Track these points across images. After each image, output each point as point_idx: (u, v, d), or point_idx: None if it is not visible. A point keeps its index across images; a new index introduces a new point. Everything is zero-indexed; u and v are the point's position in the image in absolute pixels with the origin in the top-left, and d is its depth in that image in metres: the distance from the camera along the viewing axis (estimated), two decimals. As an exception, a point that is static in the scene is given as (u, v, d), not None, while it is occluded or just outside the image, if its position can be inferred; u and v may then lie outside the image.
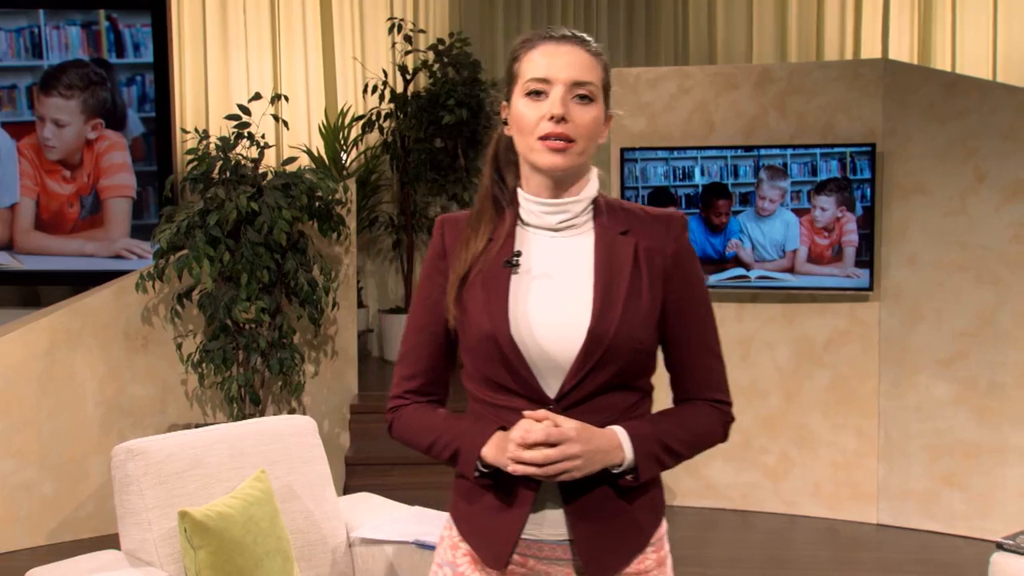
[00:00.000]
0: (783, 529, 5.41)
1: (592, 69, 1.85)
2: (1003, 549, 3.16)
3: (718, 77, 5.61)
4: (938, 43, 6.85)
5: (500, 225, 1.92)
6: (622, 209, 1.93)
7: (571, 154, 1.82)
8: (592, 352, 1.81)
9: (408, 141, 6.82)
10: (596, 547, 1.86)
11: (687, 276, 1.91)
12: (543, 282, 1.88)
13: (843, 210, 5.25)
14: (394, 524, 3.27)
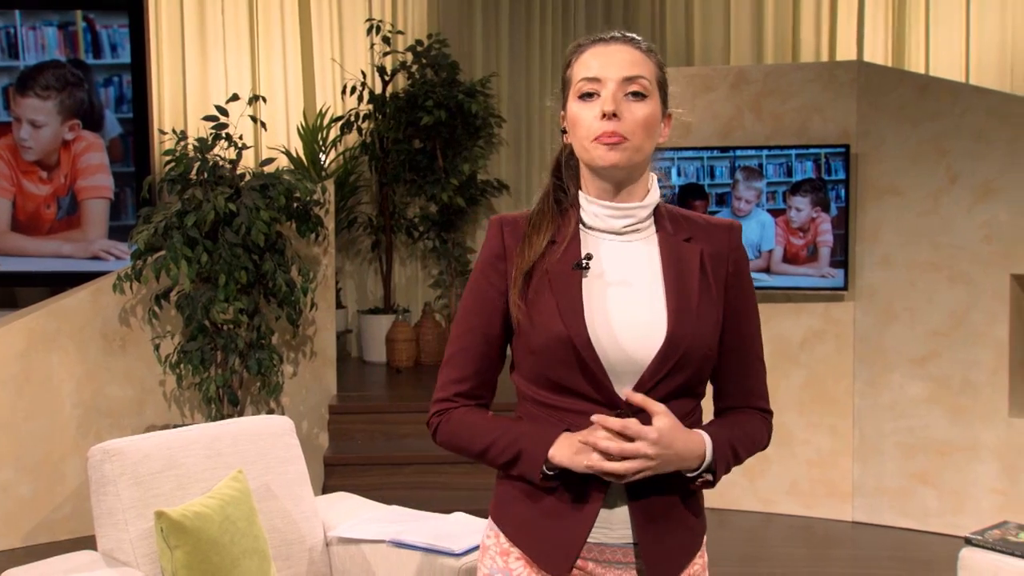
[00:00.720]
0: (759, 527, 5.45)
1: (643, 64, 1.83)
2: (971, 544, 3.20)
3: (694, 78, 5.65)
4: (912, 45, 6.91)
5: (563, 227, 1.89)
6: (682, 216, 1.93)
7: (626, 150, 1.79)
8: (669, 357, 1.80)
9: (387, 142, 6.84)
10: (659, 550, 1.85)
11: (745, 285, 1.93)
12: (615, 286, 1.86)
13: (818, 211, 5.30)
14: (371, 524, 3.29)
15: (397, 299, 7.16)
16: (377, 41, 6.83)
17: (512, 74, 7.25)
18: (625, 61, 1.82)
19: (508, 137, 7.22)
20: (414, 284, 7.30)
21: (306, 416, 5.65)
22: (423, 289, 7.25)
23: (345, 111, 6.88)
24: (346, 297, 7.24)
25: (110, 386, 5.35)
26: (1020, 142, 5.00)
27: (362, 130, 6.88)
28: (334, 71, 7.15)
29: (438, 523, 3.32)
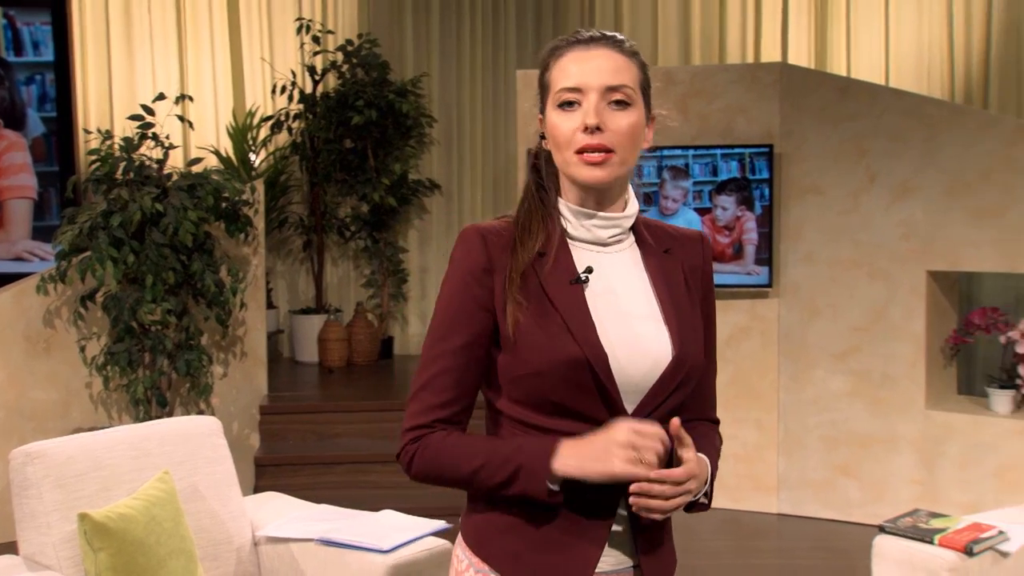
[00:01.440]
0: (688, 521, 5.51)
1: (626, 70, 1.73)
2: (885, 532, 3.29)
3: (622, 79, 5.72)
4: (834, 47, 7.04)
5: (548, 240, 1.76)
6: (655, 225, 1.86)
7: (611, 165, 1.70)
8: (675, 375, 1.71)
9: (317, 142, 6.82)
10: (657, 572, 1.79)
11: (710, 296, 1.89)
12: (610, 299, 1.75)
13: (743, 209, 5.40)
14: (299, 522, 3.31)
15: (329, 299, 7.15)
16: (307, 40, 6.80)
17: (443, 74, 7.26)
18: (607, 68, 1.71)
19: (440, 137, 7.23)
20: (346, 284, 7.29)
21: (237, 417, 5.62)
22: (355, 289, 7.25)
23: (275, 111, 6.84)
24: (277, 297, 7.20)
25: (34, 389, 5.28)
26: (935, 142, 5.15)
27: (292, 130, 6.85)
28: (264, 70, 7.11)
29: (367, 521, 3.34)
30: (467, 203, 7.28)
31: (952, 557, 3.11)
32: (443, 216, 7.29)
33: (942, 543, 3.14)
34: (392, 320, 7.24)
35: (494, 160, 7.28)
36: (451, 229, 7.26)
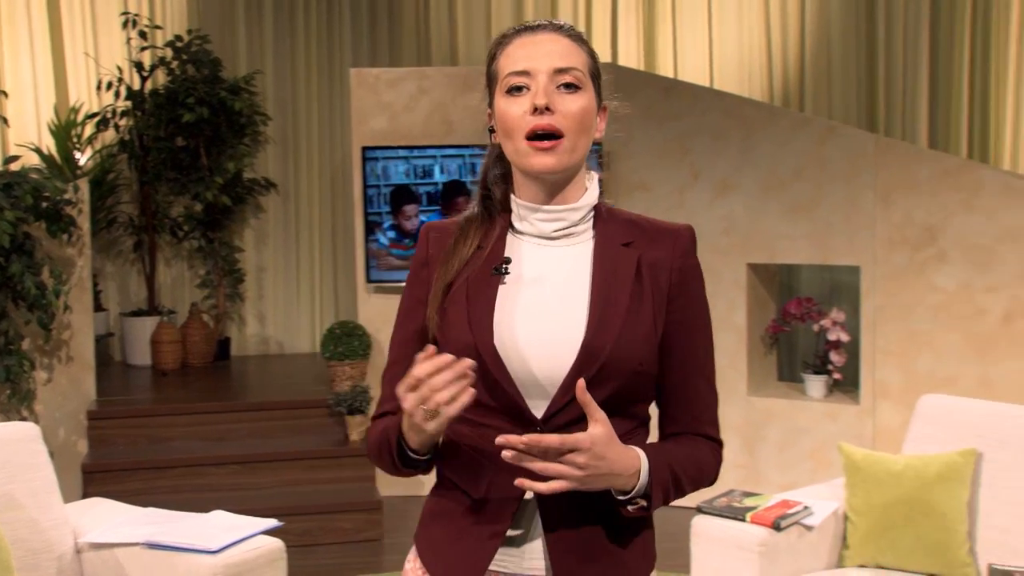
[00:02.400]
0: (525, 513, 5.64)
1: (575, 54, 1.68)
2: (702, 512, 3.46)
3: (455, 78, 5.79)
4: (661, 49, 7.27)
5: (489, 233, 1.74)
6: (626, 219, 1.76)
7: (561, 152, 1.64)
8: (585, 369, 1.61)
9: (147, 140, 6.67)
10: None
11: (691, 298, 1.73)
12: (534, 292, 1.69)
13: (573, 206, 5.53)
14: (124, 527, 3.26)
15: (162, 300, 6.99)
16: (133, 36, 6.64)
17: (277, 71, 7.19)
18: (555, 51, 1.66)
19: (275, 135, 7.16)
20: (180, 285, 7.15)
21: (63, 423, 5.45)
22: (190, 289, 7.11)
23: (101, 107, 6.65)
24: (107, 299, 7.01)
25: None
26: (752, 140, 5.39)
27: (120, 127, 6.67)
28: (88, 66, 6.91)
29: (195, 522, 3.31)
30: (304, 202, 7.24)
31: (762, 533, 3.29)
32: (280, 215, 7.23)
33: (753, 520, 3.32)
34: (229, 321, 7.14)
35: (331, 158, 7.25)
36: (288, 228, 7.21)
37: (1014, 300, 4.84)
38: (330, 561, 4.95)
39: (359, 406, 5.45)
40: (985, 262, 4.91)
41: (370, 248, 5.75)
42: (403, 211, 5.68)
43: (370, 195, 5.72)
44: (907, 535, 3.37)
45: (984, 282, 4.91)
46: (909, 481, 3.39)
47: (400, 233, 5.71)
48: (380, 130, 5.80)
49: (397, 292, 5.81)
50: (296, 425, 5.65)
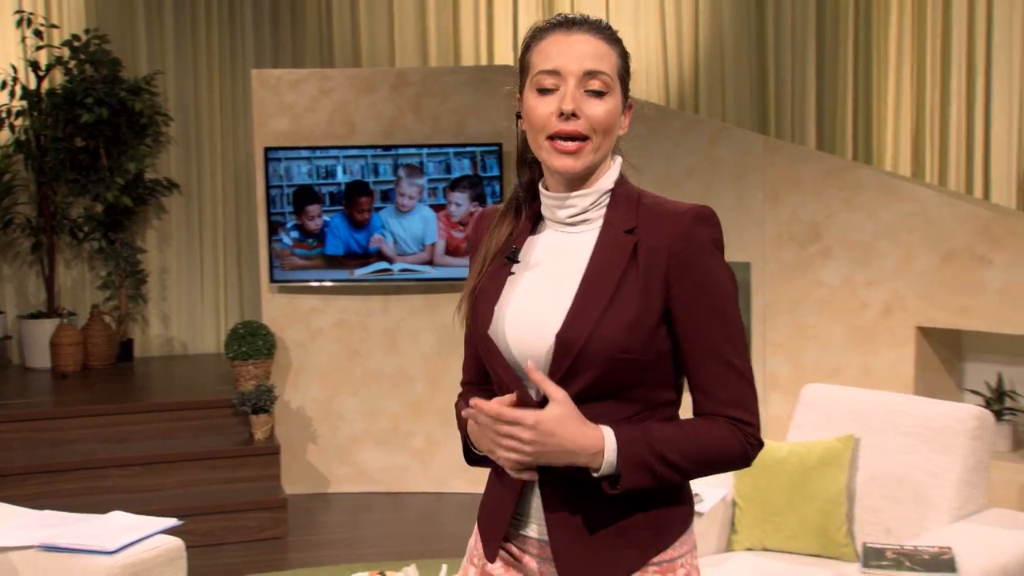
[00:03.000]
0: (432, 506, 5.69)
1: (606, 58, 1.70)
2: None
3: (357, 79, 5.81)
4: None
5: (518, 219, 1.81)
6: (640, 203, 1.74)
7: (584, 155, 1.68)
8: (561, 360, 1.66)
9: (44, 140, 6.56)
10: (573, 555, 1.70)
11: (695, 277, 1.68)
12: (532, 280, 1.75)
13: (476, 205, 5.60)
14: (18, 530, 3.22)
15: (62, 302, 6.88)
16: (28, 35, 6.52)
17: (179, 72, 7.12)
18: (587, 54, 1.68)
19: (177, 135, 7.10)
20: (80, 286, 7.04)
21: (-41, 428, 5.35)
22: (91, 291, 7.00)
23: (-5, 107, 6.52)
24: (5, 302, 6.87)
25: None
26: (647, 141, 5.48)
27: (15, 127, 6.54)
28: (-18, 65, 6.77)
29: (92, 524, 3.29)
30: (207, 202, 7.18)
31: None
32: (183, 215, 7.16)
33: (646, 509, 3.42)
34: (132, 322, 7.05)
35: (234, 158, 7.20)
36: (191, 228, 7.14)
37: (892, 294, 5.03)
38: (235, 559, 4.94)
39: (263, 405, 5.44)
40: (865, 258, 5.10)
41: (273, 248, 5.75)
42: (306, 211, 5.69)
43: (273, 195, 5.71)
44: (791, 519, 3.50)
45: (865, 277, 5.10)
46: (792, 467, 3.53)
47: (303, 233, 5.72)
48: (282, 131, 5.80)
49: (301, 291, 5.82)
50: (200, 425, 5.62)
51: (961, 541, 3.17)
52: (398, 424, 5.88)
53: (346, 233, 5.68)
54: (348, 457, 5.91)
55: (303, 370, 5.90)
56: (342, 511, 5.65)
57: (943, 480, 3.42)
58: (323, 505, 5.76)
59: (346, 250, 5.70)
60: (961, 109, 7.09)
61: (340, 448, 5.92)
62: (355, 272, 5.70)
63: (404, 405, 5.88)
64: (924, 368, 5.06)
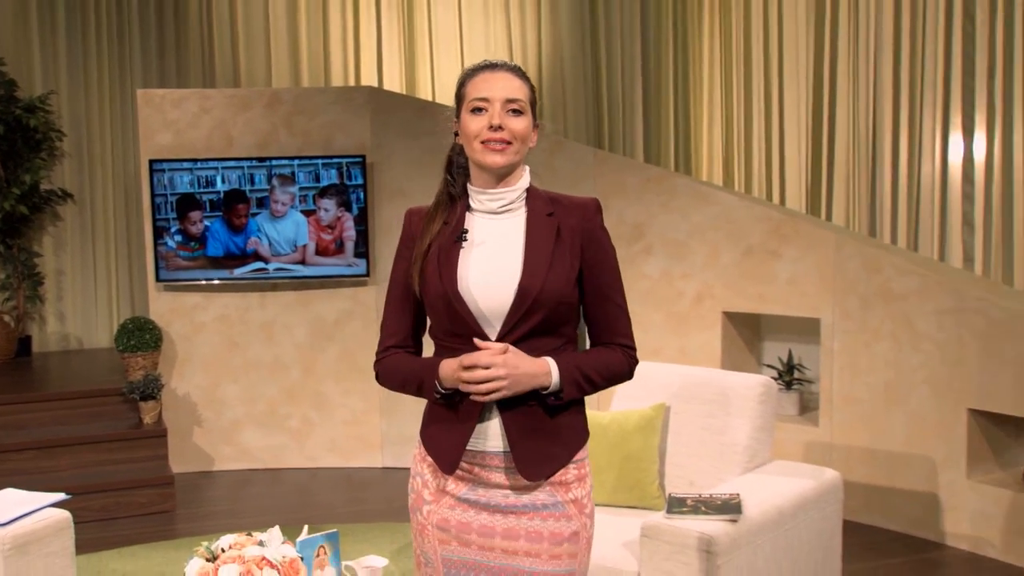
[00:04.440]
0: (307, 480, 5.67)
1: (521, 89, 2.09)
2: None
3: (234, 99, 5.75)
4: (420, 74, 7.42)
5: (452, 212, 2.15)
6: (550, 197, 2.15)
7: (508, 154, 2.06)
8: (522, 302, 2.04)
9: (-59, 153, 6.29)
10: (528, 456, 2.06)
11: (598, 248, 2.13)
12: (483, 252, 2.10)
13: (342, 210, 5.60)
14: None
15: (-39, 304, 6.62)
16: (-72, 56, 6.25)
17: (71, 91, 6.90)
18: (508, 86, 2.07)
19: (70, 149, 6.88)
20: (-20, 289, 6.77)
21: None
22: (-11, 293, 6.75)
23: None
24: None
25: None
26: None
27: (-83, 142, 6.26)
28: None
29: (-19, 501, 3.21)
30: (99, 210, 6.98)
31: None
32: (76, 222, 6.95)
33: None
34: (30, 320, 6.82)
35: (124, 170, 7.02)
36: (84, 234, 6.94)
37: (703, 284, 5.23)
38: (127, 532, 4.86)
39: (151, 392, 5.34)
40: (680, 254, 5.29)
41: (159, 251, 5.65)
42: (188, 217, 5.60)
43: (158, 203, 5.61)
44: (611, 476, 3.62)
45: (680, 270, 5.29)
46: (613, 432, 3.65)
47: (186, 237, 5.63)
48: (166, 145, 5.69)
49: (185, 289, 5.73)
50: (93, 412, 5.48)
51: (748, 488, 3.34)
52: (275, 407, 5.84)
53: (225, 236, 5.61)
54: (231, 438, 5.85)
55: (188, 361, 5.81)
56: (226, 486, 5.58)
57: (735, 439, 3.58)
58: (209, 481, 5.68)
59: (225, 252, 5.63)
60: (761, 128, 7.40)
61: (223, 430, 5.85)
62: (234, 271, 5.63)
63: (280, 390, 5.84)
64: (729, 347, 5.28)
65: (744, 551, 3.08)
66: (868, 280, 4.67)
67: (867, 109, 6.65)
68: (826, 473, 3.58)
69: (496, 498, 2.11)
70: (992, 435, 4.45)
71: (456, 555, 2.14)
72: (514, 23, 7.58)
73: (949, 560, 4.33)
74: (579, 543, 2.13)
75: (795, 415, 5.10)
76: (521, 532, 2.10)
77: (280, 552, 2.81)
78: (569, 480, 2.12)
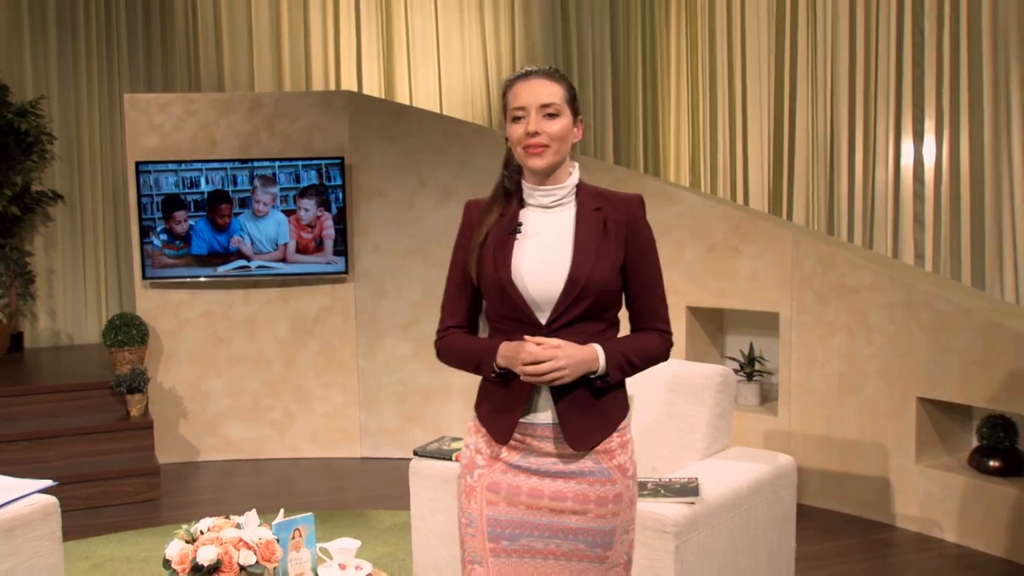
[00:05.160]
0: (289, 470, 5.67)
1: (555, 92, 2.15)
2: (417, 455, 3.62)
3: (217, 102, 5.74)
4: (398, 79, 7.43)
5: (509, 205, 2.23)
6: (597, 193, 2.23)
7: (547, 155, 2.15)
8: (571, 289, 2.13)
9: (-66, 155, 6.25)
10: (575, 430, 2.17)
11: (640, 242, 2.21)
12: (535, 243, 2.19)
13: (322, 210, 5.61)
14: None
15: (-46, 301, 6.58)
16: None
17: (62, 96, 6.87)
18: (541, 92, 2.14)
19: (61, 152, 6.85)
20: (-28, 287, 6.73)
21: None
22: (-18, 291, 6.71)
23: None
24: None
25: None
26: (468, 154, 5.62)
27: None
28: None
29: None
30: (88, 210, 6.96)
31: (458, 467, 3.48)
32: (67, 223, 6.92)
33: (456, 458, 3.50)
34: (22, 317, 6.79)
35: (112, 173, 7.00)
36: (75, 234, 6.92)
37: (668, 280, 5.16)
38: (115, 519, 4.85)
39: (137, 385, 5.33)
40: (647, 250, 5.32)
41: (145, 249, 5.64)
42: (173, 216, 5.60)
43: (144, 203, 5.60)
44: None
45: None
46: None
47: (171, 236, 5.62)
48: (152, 147, 5.68)
49: (171, 286, 5.73)
50: (82, 405, 5.47)
51: (706, 472, 3.38)
52: (258, 400, 5.84)
53: (209, 235, 5.61)
54: (215, 430, 5.84)
55: (174, 355, 5.80)
56: (210, 476, 5.58)
57: (695, 426, 3.60)
58: (193, 471, 5.68)
59: (209, 250, 5.63)
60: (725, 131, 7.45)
61: (208, 422, 5.85)
62: (218, 269, 5.63)
63: (263, 384, 5.84)
64: (694, 340, 5.32)
65: (701, 532, 3.12)
66: (824, 275, 4.73)
67: (825, 115, 6.71)
68: (780, 458, 3.62)
69: (546, 465, 2.21)
70: (939, 422, 4.52)
71: (503, 515, 2.23)
72: (488, 30, 7.60)
73: (899, 540, 4.39)
74: (622, 503, 2.24)
75: (756, 405, 5.14)
76: (569, 495, 2.21)
77: (256, 534, 2.83)
78: (613, 448, 2.22)
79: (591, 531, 2.21)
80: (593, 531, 2.21)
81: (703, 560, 3.13)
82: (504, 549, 2.22)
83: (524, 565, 2.22)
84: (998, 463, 4.29)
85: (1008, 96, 5.68)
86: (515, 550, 2.22)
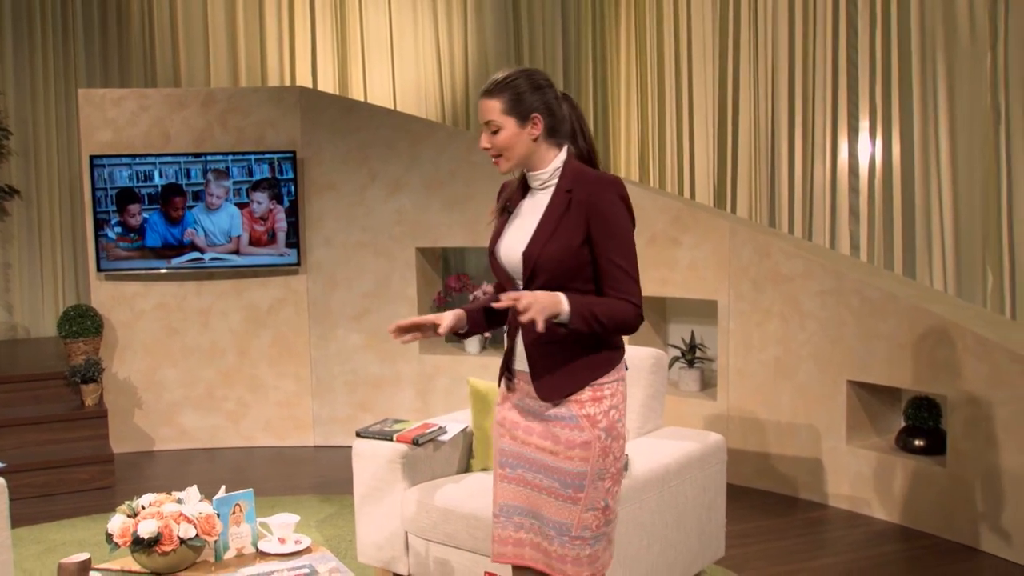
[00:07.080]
0: (243, 459, 5.71)
1: (491, 108, 2.34)
2: (360, 436, 3.67)
3: (171, 98, 5.77)
4: (353, 76, 7.49)
5: (518, 190, 2.48)
6: (577, 175, 2.37)
7: (503, 163, 2.38)
8: (527, 265, 2.36)
9: None
10: (543, 379, 2.40)
11: (601, 219, 2.31)
12: (516, 223, 2.44)
13: (274, 203, 5.66)
14: None
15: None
16: None
17: (18, 92, 6.86)
18: (484, 111, 2.36)
19: (17, 147, 6.84)
20: (-73, 281, 6.71)
21: None
22: (-63, 285, 6.69)
23: None
24: None
25: None
26: (417, 149, 5.69)
27: None
28: None
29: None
30: (45, 205, 6.95)
31: (404, 448, 3.55)
32: (23, 217, 6.91)
33: (398, 439, 3.57)
34: (-22, 312, 6.78)
35: (68, 167, 7.00)
36: (31, 228, 6.91)
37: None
38: (69, 506, 4.87)
39: (91, 376, 5.36)
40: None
41: (100, 242, 5.66)
42: (128, 210, 5.62)
43: (98, 197, 5.62)
44: (516, 443, 3.73)
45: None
46: (518, 403, 3.76)
47: (126, 228, 5.65)
48: (106, 141, 5.70)
49: (125, 278, 5.75)
50: (37, 395, 5.48)
51: (637, 449, 3.48)
52: (212, 390, 5.88)
53: (163, 228, 5.64)
54: (170, 419, 5.87)
55: (129, 346, 5.83)
56: (165, 465, 5.61)
57: (629, 405, 3.71)
58: (148, 460, 5.71)
59: (163, 242, 5.66)
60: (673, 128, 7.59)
61: (163, 412, 5.88)
62: (172, 261, 5.67)
63: (217, 374, 5.88)
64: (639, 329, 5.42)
65: (631, 505, 3.22)
66: (759, 264, 4.85)
67: (766, 112, 6.87)
68: (710, 436, 3.74)
69: (534, 407, 2.46)
70: (868, 404, 4.66)
71: (508, 446, 2.52)
72: (441, 28, 7.68)
73: (830, 518, 4.53)
74: (590, 450, 2.39)
75: (697, 391, 5.26)
76: (548, 435, 2.43)
77: (197, 509, 2.90)
78: (584, 399, 2.39)
79: (562, 471, 2.41)
80: (564, 471, 2.41)
81: (632, 533, 3.23)
82: (507, 476, 2.51)
83: (519, 492, 2.49)
84: (923, 442, 4.44)
85: (936, 95, 5.86)
86: (513, 477, 2.49)
